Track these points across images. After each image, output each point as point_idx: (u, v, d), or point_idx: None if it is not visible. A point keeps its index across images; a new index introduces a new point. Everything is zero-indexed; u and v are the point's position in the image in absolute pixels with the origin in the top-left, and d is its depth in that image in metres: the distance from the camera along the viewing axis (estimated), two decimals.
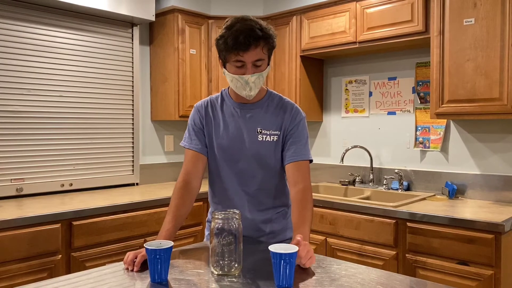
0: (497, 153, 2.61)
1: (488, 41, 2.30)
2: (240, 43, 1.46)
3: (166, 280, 1.23)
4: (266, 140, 1.62)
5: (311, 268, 1.37)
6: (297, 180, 1.57)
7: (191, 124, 1.71)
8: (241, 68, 1.52)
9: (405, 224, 2.31)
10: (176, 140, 3.63)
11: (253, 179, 1.65)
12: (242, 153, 1.63)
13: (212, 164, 1.70)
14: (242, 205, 1.66)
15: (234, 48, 1.48)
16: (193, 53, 3.32)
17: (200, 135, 1.68)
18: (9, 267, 2.11)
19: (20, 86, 2.72)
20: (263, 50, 1.51)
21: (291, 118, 1.63)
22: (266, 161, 1.64)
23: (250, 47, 1.48)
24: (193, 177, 1.64)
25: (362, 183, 3.18)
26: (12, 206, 2.43)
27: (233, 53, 1.49)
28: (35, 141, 2.79)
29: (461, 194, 2.72)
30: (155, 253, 1.21)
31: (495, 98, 2.28)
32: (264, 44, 1.50)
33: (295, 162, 1.59)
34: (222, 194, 1.70)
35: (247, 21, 1.49)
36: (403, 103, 3.04)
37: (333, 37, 2.99)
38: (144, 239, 2.64)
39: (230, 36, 1.47)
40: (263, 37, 1.49)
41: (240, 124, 1.64)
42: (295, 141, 1.61)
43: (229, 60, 1.53)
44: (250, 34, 1.46)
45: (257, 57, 1.50)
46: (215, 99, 1.71)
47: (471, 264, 2.09)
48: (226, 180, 1.67)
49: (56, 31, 2.86)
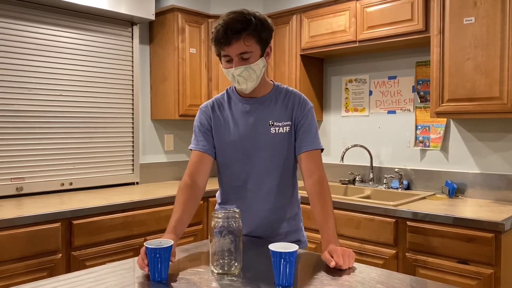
0: (497, 152, 2.61)
1: (488, 40, 2.29)
2: (222, 37, 1.47)
3: (166, 279, 1.23)
4: (280, 132, 1.61)
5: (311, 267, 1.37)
6: (312, 170, 1.57)
7: (197, 126, 1.68)
8: (229, 63, 1.52)
9: (405, 223, 2.31)
10: (176, 139, 3.63)
11: (266, 175, 1.63)
12: (255, 148, 1.61)
13: (223, 163, 1.68)
14: (255, 203, 1.64)
15: (217, 43, 1.49)
16: (193, 52, 3.31)
17: (208, 136, 1.66)
18: (8, 266, 2.11)
19: (20, 85, 2.72)
20: (246, 43, 1.48)
21: (300, 108, 1.62)
22: (280, 153, 1.62)
23: (232, 41, 1.47)
24: (198, 177, 1.61)
25: (362, 182, 3.18)
26: (12, 205, 2.43)
27: (220, 48, 1.51)
28: (35, 140, 2.78)
29: (461, 193, 2.72)
30: (155, 252, 1.21)
31: (495, 97, 2.28)
32: (246, 36, 1.47)
33: (307, 152, 1.59)
34: (234, 192, 1.68)
35: (232, 14, 1.48)
36: (403, 102, 3.04)
37: (333, 36, 2.98)
38: (144, 238, 2.64)
39: (214, 32, 1.49)
40: (244, 29, 1.46)
41: (251, 119, 1.62)
42: (306, 130, 1.61)
43: (220, 55, 1.54)
44: (230, 28, 1.45)
45: (240, 50, 1.48)
46: (221, 98, 1.70)
47: (471, 263, 2.09)
48: (238, 178, 1.65)
49: (56, 30, 2.86)
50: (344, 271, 1.32)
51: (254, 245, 1.58)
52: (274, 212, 1.66)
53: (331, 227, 1.48)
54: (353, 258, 1.37)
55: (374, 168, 3.14)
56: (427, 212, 2.24)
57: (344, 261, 1.33)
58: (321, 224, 1.51)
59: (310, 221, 2.62)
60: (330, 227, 1.48)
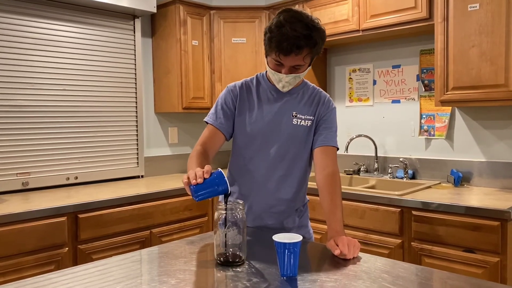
0: (502, 140, 2.59)
1: (493, 27, 2.27)
2: (282, 48, 1.45)
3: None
4: (301, 124, 1.64)
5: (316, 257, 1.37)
6: (326, 164, 1.60)
7: (220, 103, 1.68)
8: (279, 67, 1.53)
9: (411, 212, 2.30)
10: (181, 132, 3.63)
11: (280, 164, 1.64)
12: (275, 136, 1.64)
13: (240, 145, 1.68)
14: (264, 190, 1.65)
15: (275, 50, 1.47)
16: (196, 44, 3.30)
17: (227, 116, 1.66)
18: (16, 260, 2.13)
19: (23, 80, 2.72)
20: (304, 59, 1.50)
21: (324, 106, 1.67)
22: (297, 145, 1.64)
23: (291, 54, 1.47)
24: (208, 149, 1.62)
25: (367, 172, 3.17)
26: (18, 200, 2.45)
27: (274, 53, 1.49)
28: (40, 135, 2.80)
29: (466, 181, 2.71)
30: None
31: (501, 85, 2.26)
32: (306, 53, 1.48)
33: (324, 147, 1.63)
34: (244, 176, 1.69)
35: (296, 23, 1.44)
36: (408, 91, 3.02)
37: (336, 25, 2.96)
38: (150, 231, 2.66)
39: (274, 37, 1.45)
40: (307, 46, 1.46)
41: (276, 108, 1.65)
42: (327, 127, 1.65)
43: (270, 54, 1.53)
44: (293, 43, 1.43)
45: (295, 63, 1.50)
46: (249, 82, 1.71)
47: (477, 251, 2.08)
48: (251, 162, 1.66)
49: (57, 25, 2.85)
50: (349, 261, 1.32)
51: (258, 236, 1.58)
52: (281, 203, 1.67)
53: (338, 217, 1.50)
54: (358, 248, 1.37)
55: (378, 158, 3.13)
56: (432, 201, 2.23)
57: (349, 251, 1.33)
58: (329, 214, 1.52)
59: (315, 212, 2.63)
60: (338, 217, 1.50)
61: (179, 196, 2.83)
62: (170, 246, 1.50)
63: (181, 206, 2.83)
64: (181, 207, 2.83)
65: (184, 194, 2.84)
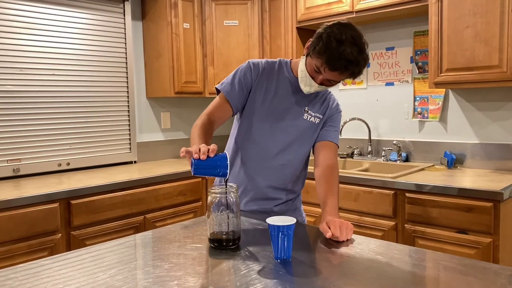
0: (496, 122, 2.60)
1: (487, 7, 2.24)
2: (332, 64, 1.43)
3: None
4: (310, 120, 1.67)
5: (310, 240, 1.37)
6: (328, 157, 1.65)
7: (239, 76, 1.64)
8: (316, 73, 1.51)
9: (404, 194, 2.31)
10: (173, 117, 3.60)
11: (281, 153, 1.65)
12: (283, 125, 1.64)
13: (247, 126, 1.67)
14: (261, 173, 1.66)
15: (324, 61, 1.44)
16: (187, 27, 3.25)
17: (242, 92, 1.64)
18: (9, 247, 2.11)
19: (12, 65, 2.67)
20: (341, 78, 1.51)
21: (333, 109, 1.73)
22: (302, 139, 1.67)
23: (337, 73, 1.46)
24: (215, 121, 1.60)
25: (361, 155, 3.18)
26: (10, 186, 2.42)
27: (320, 62, 1.46)
28: (30, 121, 2.76)
29: (460, 163, 2.72)
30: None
31: (495, 66, 2.25)
32: (347, 75, 1.48)
33: (327, 141, 1.68)
34: (244, 155, 1.68)
35: (354, 47, 1.40)
36: (401, 73, 3.00)
37: (329, 7, 2.92)
38: (143, 216, 2.65)
39: (329, 50, 1.41)
40: (352, 71, 1.46)
41: (291, 100, 1.65)
42: (332, 125, 1.71)
43: (314, 59, 1.48)
44: (344, 65, 1.42)
45: (333, 78, 1.50)
46: (272, 65, 1.68)
47: (470, 232, 2.10)
48: (254, 144, 1.65)
49: (46, 8, 2.79)
50: (343, 243, 1.32)
51: (251, 219, 1.58)
52: (275, 190, 1.68)
53: (333, 202, 1.51)
54: (351, 230, 1.36)
55: (372, 141, 3.13)
56: (426, 183, 2.23)
57: (342, 233, 1.33)
58: (324, 199, 1.53)
59: (308, 195, 2.63)
60: (333, 202, 1.51)
61: (173, 181, 2.81)
62: (164, 230, 1.49)
63: (174, 191, 2.82)
64: (174, 192, 2.82)
65: (177, 179, 2.82)
